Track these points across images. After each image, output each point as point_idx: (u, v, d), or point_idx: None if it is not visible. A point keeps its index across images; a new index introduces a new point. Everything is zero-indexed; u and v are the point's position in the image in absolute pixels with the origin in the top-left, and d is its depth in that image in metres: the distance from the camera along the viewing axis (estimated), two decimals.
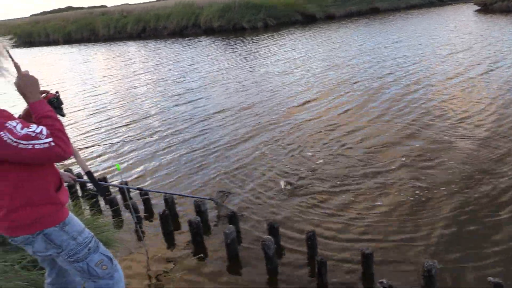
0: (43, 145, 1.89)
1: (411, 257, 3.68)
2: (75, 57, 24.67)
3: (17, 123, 1.88)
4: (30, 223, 2.04)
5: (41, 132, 1.90)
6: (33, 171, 2.02)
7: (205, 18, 28.52)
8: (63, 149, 1.94)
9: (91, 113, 10.34)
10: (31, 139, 1.87)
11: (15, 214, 2.00)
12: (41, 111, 2.01)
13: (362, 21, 24.63)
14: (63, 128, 2.02)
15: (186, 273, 3.74)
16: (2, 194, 1.97)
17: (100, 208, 5.07)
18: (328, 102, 8.75)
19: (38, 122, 1.99)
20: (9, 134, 1.83)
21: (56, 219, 2.11)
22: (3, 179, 1.95)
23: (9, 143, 1.83)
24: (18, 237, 2.09)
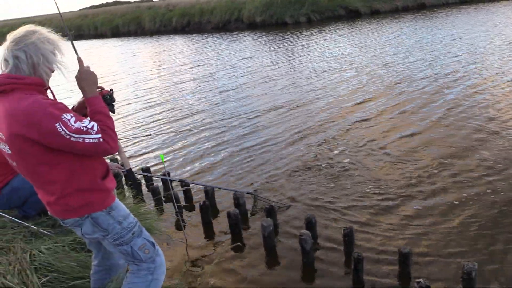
0: (93, 140, 2.01)
1: (451, 258, 3.62)
2: (123, 50, 25.40)
3: (71, 116, 1.99)
4: (79, 207, 2.17)
5: (92, 128, 2.02)
6: (84, 160, 2.14)
7: (248, 13, 28.63)
8: (110, 145, 2.07)
9: (139, 105, 10.67)
10: (83, 133, 1.99)
11: (66, 199, 2.13)
12: (96, 107, 2.14)
13: (409, 17, 23.84)
14: (113, 125, 2.14)
15: (223, 262, 3.85)
16: (55, 180, 2.10)
17: (143, 197, 5.27)
18: (382, 104, 8.28)
19: (92, 116, 2.11)
20: (64, 126, 1.95)
21: (103, 204, 2.23)
22: (57, 166, 2.08)
23: (63, 135, 1.95)
24: (68, 220, 2.23)
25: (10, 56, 2.01)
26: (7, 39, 2.04)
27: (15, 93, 1.99)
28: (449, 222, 4.14)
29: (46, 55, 2.06)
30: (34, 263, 3.04)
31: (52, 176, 2.08)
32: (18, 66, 2.02)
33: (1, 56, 2.04)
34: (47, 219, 3.93)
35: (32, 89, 2.03)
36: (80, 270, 3.02)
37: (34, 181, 2.15)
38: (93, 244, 2.58)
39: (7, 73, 2.03)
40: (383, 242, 3.92)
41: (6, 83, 2.00)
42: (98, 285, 2.67)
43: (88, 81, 2.17)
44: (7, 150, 2.08)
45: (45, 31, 2.10)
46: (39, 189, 2.19)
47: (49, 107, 1.96)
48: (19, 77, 2.02)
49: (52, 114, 1.95)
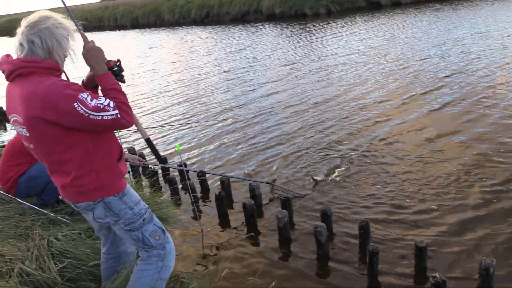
0: (111, 117, 2.05)
1: (468, 253, 3.56)
2: (144, 41, 25.59)
3: (87, 95, 2.03)
4: (92, 190, 2.20)
5: (109, 105, 2.06)
6: (99, 142, 2.18)
7: (267, 4, 28.47)
8: (127, 120, 2.11)
9: (158, 95, 10.78)
10: (100, 110, 2.03)
11: (80, 180, 2.16)
12: (108, 84, 2.16)
13: (432, 8, 23.14)
14: (127, 100, 2.17)
15: (238, 252, 3.86)
16: (71, 161, 2.14)
17: (160, 186, 5.31)
18: (410, 99, 7.93)
19: (105, 94, 2.14)
20: (82, 105, 1.99)
21: (116, 188, 2.26)
22: (73, 147, 2.11)
23: (82, 114, 1.99)
24: (81, 203, 2.26)
25: (25, 41, 2.05)
26: (22, 24, 2.07)
27: (32, 76, 2.03)
28: (468, 217, 4.06)
29: (60, 40, 2.09)
30: (52, 249, 3.10)
31: (68, 156, 2.12)
32: (33, 50, 2.06)
33: (16, 41, 2.08)
34: (64, 207, 4.00)
35: (48, 72, 2.07)
36: (96, 257, 3.05)
37: (50, 162, 2.18)
38: (102, 231, 2.61)
39: (23, 57, 2.06)
40: (399, 236, 3.87)
41: (23, 66, 2.03)
42: (109, 272, 2.70)
43: (96, 57, 2.18)
44: (24, 133, 2.12)
45: (59, 17, 2.13)
46: (54, 172, 2.22)
47: (65, 89, 2.00)
48: (35, 60, 2.05)
49: (69, 94, 1.98)
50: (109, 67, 2.25)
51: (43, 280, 2.78)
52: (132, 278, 2.48)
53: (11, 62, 2.07)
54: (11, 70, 2.05)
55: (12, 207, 3.94)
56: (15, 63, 2.05)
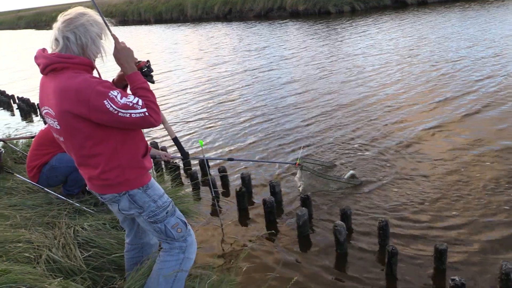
0: (139, 115, 2.12)
1: (489, 257, 3.52)
2: (167, 36, 25.82)
3: (118, 93, 2.10)
4: (117, 183, 2.28)
5: (137, 103, 2.13)
6: (128, 138, 2.26)
7: (291, 1, 28.38)
8: (154, 118, 2.18)
9: (182, 91, 10.90)
10: (129, 108, 2.10)
11: (107, 174, 2.25)
12: (137, 83, 2.24)
13: (460, 7, 22.55)
14: (155, 99, 2.24)
15: (257, 247, 3.91)
16: (100, 155, 2.22)
17: (182, 181, 5.39)
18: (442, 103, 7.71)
19: (134, 92, 2.21)
20: (111, 102, 2.06)
21: (141, 181, 2.34)
22: (103, 142, 2.19)
23: (111, 111, 2.06)
24: (106, 195, 2.34)
25: (60, 37, 2.13)
26: (58, 19, 2.15)
27: (65, 71, 2.11)
28: (490, 221, 4.02)
29: (94, 38, 2.17)
30: (78, 238, 3.21)
31: (97, 150, 2.20)
32: (68, 46, 2.14)
33: (52, 36, 2.16)
34: (90, 198, 4.11)
35: (81, 68, 2.15)
36: (119, 247, 3.15)
37: (79, 156, 2.26)
38: (127, 222, 2.69)
39: (57, 53, 2.14)
40: (419, 237, 3.86)
41: (57, 61, 2.11)
42: (132, 262, 2.78)
43: (126, 57, 2.26)
44: (56, 126, 2.20)
45: (93, 13, 2.21)
46: (82, 165, 2.30)
47: (97, 85, 2.07)
48: (70, 56, 2.13)
49: (100, 91, 2.05)
50: (139, 67, 2.31)
51: (69, 268, 2.88)
52: (154, 268, 2.55)
53: (46, 56, 2.14)
54: (46, 64, 2.13)
55: (40, 196, 4.08)
56: (50, 58, 2.12)
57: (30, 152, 4.13)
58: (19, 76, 15.98)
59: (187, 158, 2.91)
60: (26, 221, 3.48)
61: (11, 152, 5.44)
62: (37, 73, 2.23)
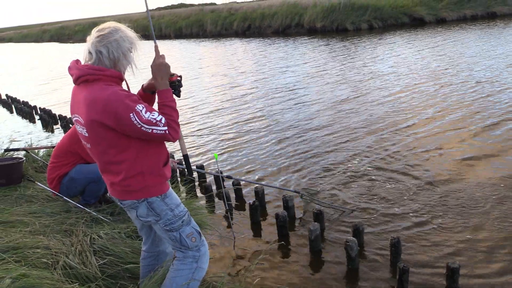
0: (160, 132, 2.25)
1: (502, 277, 3.49)
2: (188, 51, 26.23)
3: (143, 107, 2.23)
4: (137, 190, 2.38)
5: (161, 121, 2.26)
6: (150, 147, 2.37)
7: (309, 18, 28.62)
8: (173, 136, 2.31)
9: (200, 105, 11.04)
10: (152, 124, 2.23)
11: (129, 180, 2.35)
12: (166, 100, 2.37)
13: (478, 27, 22.51)
14: (178, 117, 2.37)
15: (268, 260, 3.94)
16: (122, 162, 2.33)
17: (196, 193, 5.47)
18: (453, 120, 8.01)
19: (160, 108, 2.35)
20: (137, 116, 2.19)
21: (160, 190, 2.44)
22: (126, 150, 2.31)
23: (135, 124, 2.19)
24: (126, 201, 2.44)
25: (94, 50, 2.27)
26: (93, 34, 2.30)
27: (97, 83, 2.25)
28: (504, 240, 3.99)
29: (125, 52, 2.33)
30: (94, 246, 3.29)
31: (120, 158, 2.32)
32: (101, 59, 2.28)
33: (86, 48, 2.31)
34: (106, 207, 4.21)
35: (112, 80, 2.28)
36: (134, 256, 3.22)
37: (102, 162, 2.38)
38: (144, 229, 2.77)
39: (90, 65, 2.29)
40: (431, 255, 3.84)
41: (90, 73, 2.25)
42: (147, 270, 2.85)
43: (161, 72, 2.39)
44: (84, 133, 2.33)
45: (125, 28, 2.36)
46: (105, 171, 2.42)
47: (125, 99, 2.20)
48: (101, 68, 2.27)
49: (127, 105, 2.18)
50: (171, 80, 2.43)
51: (85, 274, 2.95)
52: (167, 276, 2.62)
53: (79, 68, 2.29)
54: (78, 75, 2.27)
55: (59, 204, 4.19)
56: (83, 69, 2.27)
57: (49, 164, 4.27)
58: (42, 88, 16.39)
59: (190, 175, 3.05)
60: (45, 228, 3.59)
61: (32, 161, 5.60)
62: (59, 86, 2.36)
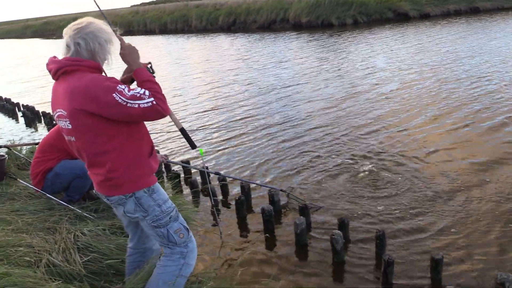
0: (146, 104, 2.22)
1: (483, 267, 3.55)
2: (173, 47, 26.00)
3: (125, 87, 2.22)
4: (124, 183, 2.35)
5: (144, 93, 2.24)
6: (132, 136, 2.35)
7: (294, 13, 28.62)
8: (162, 107, 2.27)
9: (184, 100, 10.96)
10: (137, 99, 2.21)
11: (114, 173, 2.32)
12: (143, 76, 2.36)
13: (461, 22, 22.77)
14: (161, 90, 2.34)
15: (255, 255, 3.94)
16: (109, 152, 2.30)
17: (181, 189, 5.44)
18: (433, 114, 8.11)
19: (141, 85, 2.32)
20: (120, 95, 2.17)
21: (147, 182, 2.41)
22: (112, 139, 2.29)
23: (120, 102, 2.17)
24: (113, 197, 2.42)
25: (71, 43, 2.27)
26: (69, 27, 2.29)
27: (76, 73, 2.24)
28: (486, 231, 4.06)
29: (102, 43, 2.32)
30: (77, 243, 3.26)
31: (107, 147, 2.29)
32: (79, 51, 2.28)
33: (63, 43, 2.31)
34: (90, 204, 4.16)
35: (90, 70, 2.28)
36: (118, 252, 3.20)
37: (89, 154, 2.34)
38: (131, 226, 2.75)
39: (68, 57, 2.29)
40: (415, 247, 3.89)
41: (68, 64, 2.25)
42: (133, 267, 2.83)
43: (133, 54, 2.41)
44: (67, 126, 2.30)
45: (101, 22, 2.36)
46: (92, 165, 2.39)
47: (105, 81, 2.21)
48: (79, 59, 2.27)
49: (108, 86, 2.18)
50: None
51: (69, 272, 2.92)
52: (154, 273, 2.61)
53: (57, 61, 2.30)
54: (57, 68, 2.26)
55: (42, 201, 4.14)
56: (61, 62, 2.27)
57: (34, 159, 4.20)
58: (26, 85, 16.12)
59: (195, 147, 3.00)
60: (28, 226, 3.53)
61: (15, 158, 5.50)
62: (41, 83, 2.32)
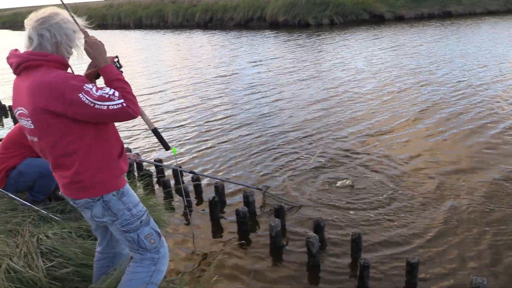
0: (116, 106, 2.07)
1: (459, 271, 3.54)
2: (148, 42, 25.57)
3: (92, 86, 2.06)
4: (91, 185, 2.19)
5: (114, 94, 2.08)
6: (101, 137, 2.19)
7: (271, 12, 28.57)
8: (132, 109, 2.13)
9: (157, 98, 10.73)
10: (105, 100, 2.05)
11: (81, 175, 2.17)
12: (112, 74, 2.19)
13: (434, 25, 23.29)
14: (131, 90, 2.19)
15: (228, 259, 3.83)
16: (75, 154, 2.14)
17: (154, 189, 5.28)
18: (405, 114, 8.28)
19: (109, 84, 2.16)
20: (87, 95, 2.01)
21: (116, 185, 2.26)
22: (77, 140, 2.13)
23: (87, 104, 2.01)
24: (80, 200, 2.25)
25: (35, 35, 2.10)
26: (31, 19, 2.12)
27: (39, 69, 2.07)
28: (461, 235, 4.06)
29: (68, 34, 2.16)
30: (41, 247, 3.08)
31: (72, 148, 2.13)
32: (42, 44, 2.11)
33: (26, 35, 2.13)
34: (57, 205, 3.98)
35: (55, 66, 2.11)
36: (84, 257, 3.04)
37: (54, 156, 2.18)
38: (99, 230, 2.59)
39: (31, 51, 2.11)
40: (391, 251, 3.86)
41: (31, 59, 2.08)
42: (101, 272, 2.68)
43: (99, 48, 2.22)
44: (29, 125, 2.13)
45: (66, 13, 2.19)
46: (57, 167, 2.23)
47: (71, 79, 2.04)
48: (44, 54, 2.10)
49: (74, 85, 2.02)
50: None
51: (31, 278, 2.75)
52: (123, 279, 2.47)
53: (19, 55, 2.12)
54: (18, 62, 2.09)
55: (4, 202, 3.91)
56: (23, 56, 2.10)
57: None
58: None
59: (168, 149, 2.85)
60: None
61: None
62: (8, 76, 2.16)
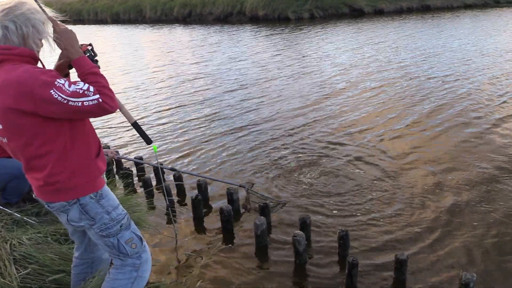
0: (92, 102, 1.92)
1: (448, 268, 3.51)
2: (125, 37, 25.14)
3: (65, 81, 1.90)
4: (67, 188, 2.05)
5: (88, 89, 1.93)
6: (76, 135, 2.04)
7: (250, 6, 28.36)
8: (109, 104, 1.97)
9: (136, 94, 10.50)
10: (80, 96, 1.90)
11: (56, 177, 2.02)
12: (86, 67, 2.02)
13: (413, 19, 23.50)
14: (108, 83, 2.03)
15: (213, 259, 3.70)
16: (48, 154, 1.99)
17: (134, 188, 5.13)
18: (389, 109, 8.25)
19: (84, 78, 2.00)
20: (59, 91, 1.86)
21: (94, 186, 2.12)
22: (52, 139, 1.98)
23: (60, 101, 1.86)
24: (55, 203, 2.11)
25: None
26: None
27: (4, 64, 1.91)
28: (450, 231, 4.02)
29: (36, 26, 1.98)
30: (14, 253, 2.90)
31: (46, 149, 1.98)
32: (7, 36, 1.93)
33: None
34: (31, 207, 3.78)
35: (22, 60, 1.94)
36: (61, 262, 2.87)
37: (26, 157, 2.03)
38: (77, 234, 2.44)
39: None
40: (379, 247, 3.80)
41: None
42: (79, 279, 2.53)
43: (71, 38, 2.04)
44: None
45: (33, 2, 2.00)
46: (30, 169, 2.07)
47: (40, 75, 1.87)
48: (9, 47, 1.93)
49: (44, 81, 1.86)
50: (82, 50, 2.10)
51: (2, 287, 2.58)
52: (103, 286, 2.32)
53: None
54: None
55: None
56: None
57: None
58: None
59: (150, 143, 2.67)
60: None
61: None
62: None
